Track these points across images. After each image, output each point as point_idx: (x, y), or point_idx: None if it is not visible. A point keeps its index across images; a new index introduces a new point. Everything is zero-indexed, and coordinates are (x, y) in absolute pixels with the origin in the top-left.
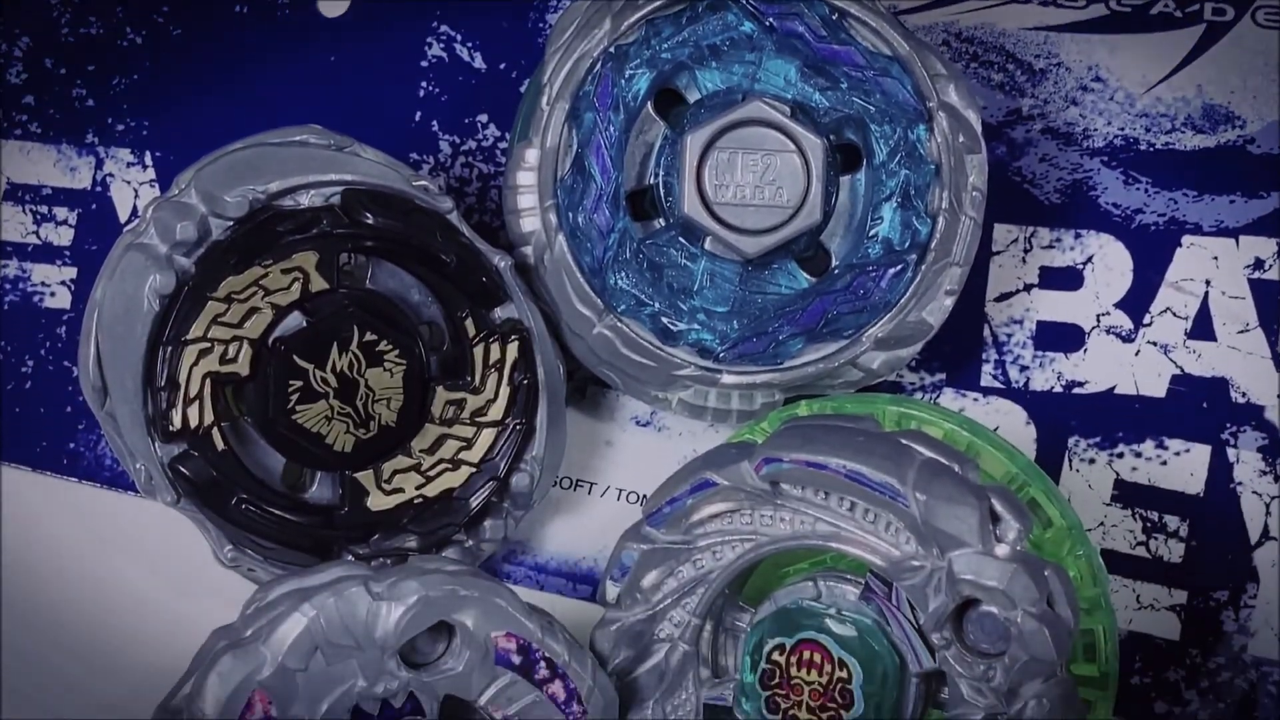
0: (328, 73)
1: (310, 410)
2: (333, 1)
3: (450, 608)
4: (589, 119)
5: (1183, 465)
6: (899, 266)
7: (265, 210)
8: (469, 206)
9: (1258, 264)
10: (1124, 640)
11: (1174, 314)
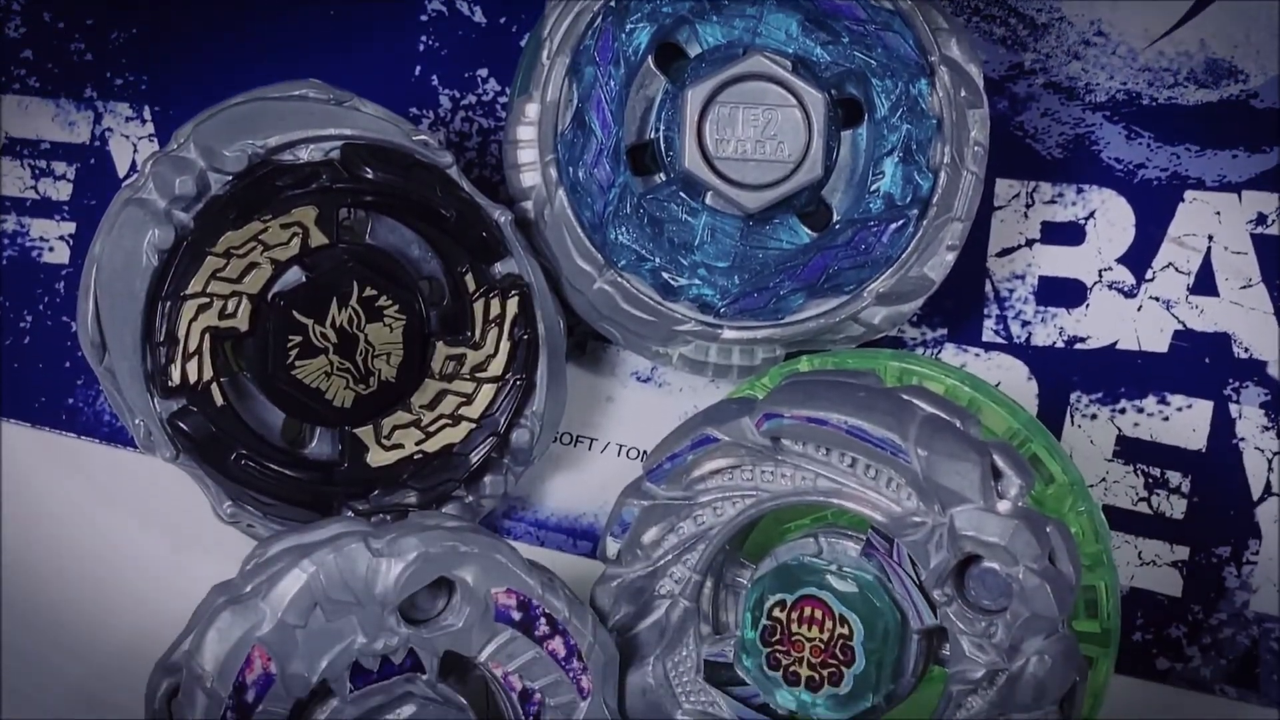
0: (327, 27)
1: (310, 365)
2: None
3: (450, 564)
4: (589, 73)
5: (1185, 421)
6: (900, 221)
7: (264, 165)
8: (469, 161)
9: (1260, 219)
10: (1126, 596)
11: (1176, 269)
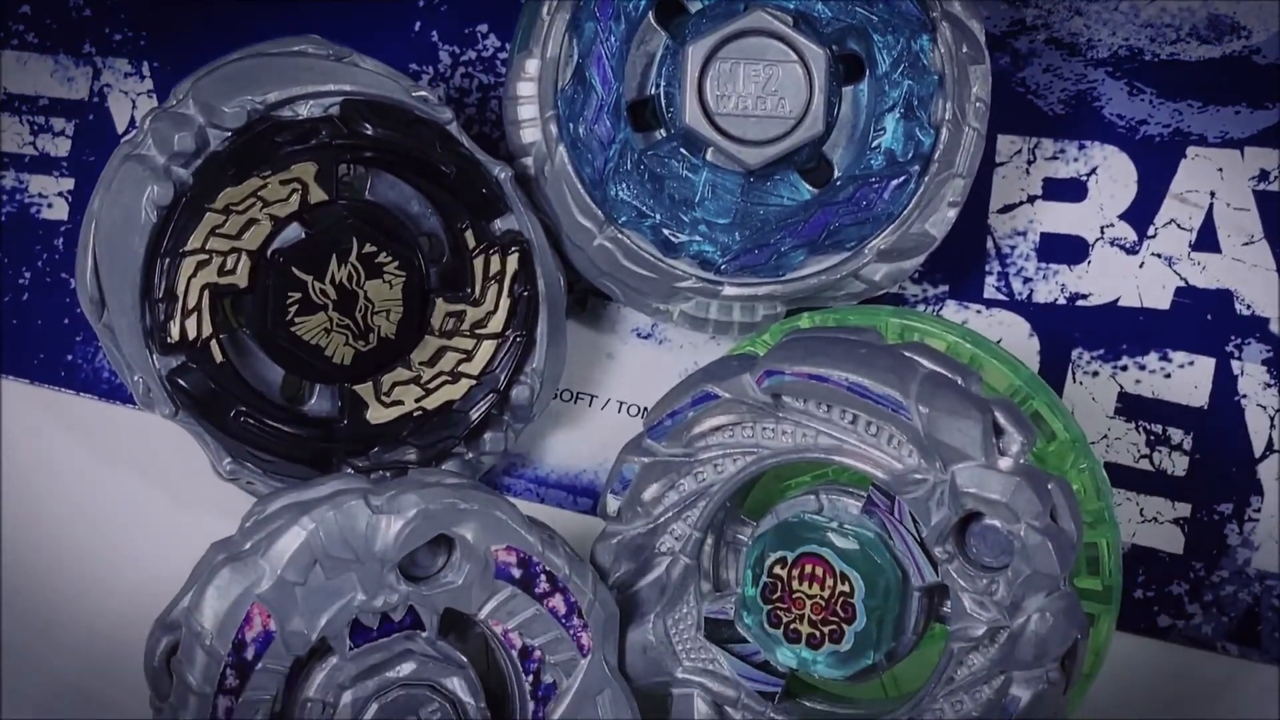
0: None
1: (309, 322)
2: None
3: (450, 521)
4: (590, 29)
5: (1187, 378)
6: (902, 178)
7: (263, 121)
8: (469, 117)
9: (1263, 175)
10: (1127, 554)
11: (1178, 226)
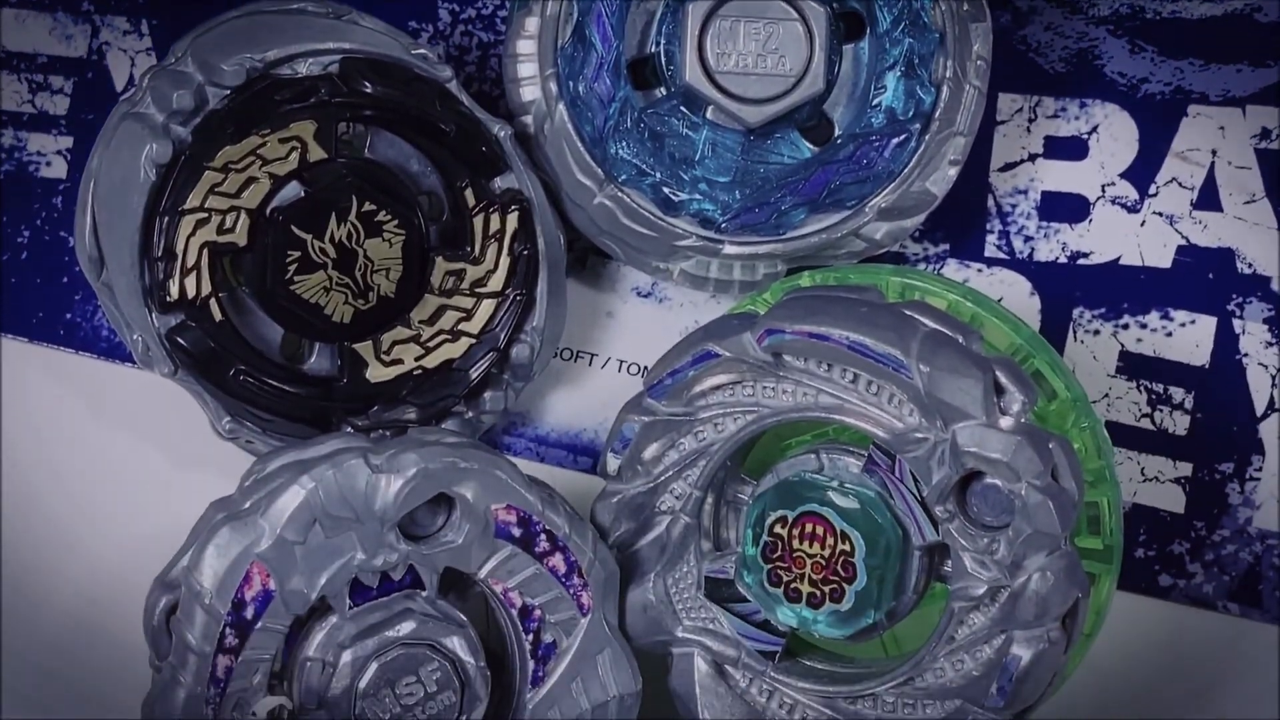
0: None
1: (308, 281)
2: None
3: (450, 480)
4: None
5: (1188, 337)
6: (902, 136)
7: (263, 79)
8: (468, 75)
9: (1264, 134)
10: (1128, 513)
11: (1180, 184)
